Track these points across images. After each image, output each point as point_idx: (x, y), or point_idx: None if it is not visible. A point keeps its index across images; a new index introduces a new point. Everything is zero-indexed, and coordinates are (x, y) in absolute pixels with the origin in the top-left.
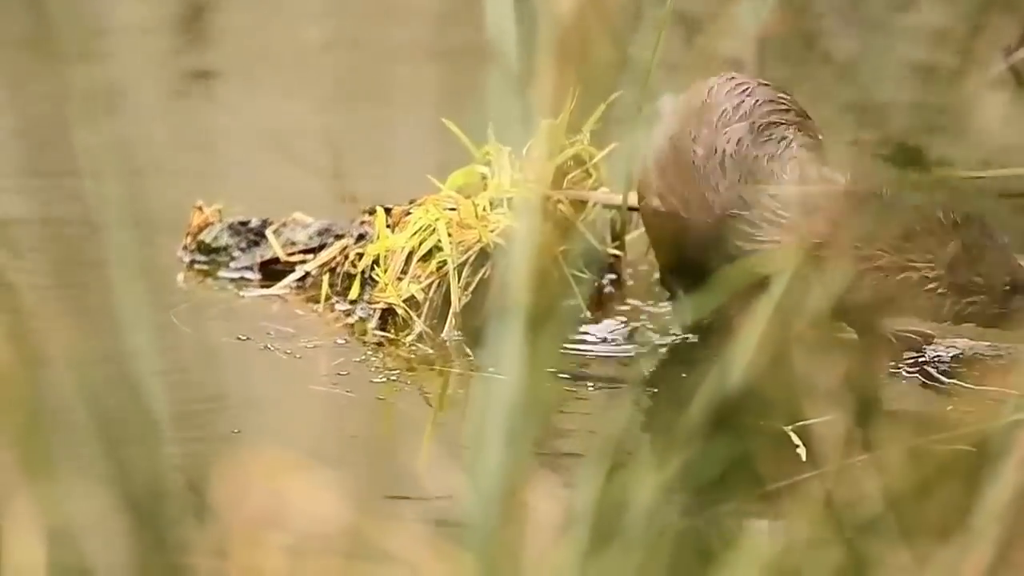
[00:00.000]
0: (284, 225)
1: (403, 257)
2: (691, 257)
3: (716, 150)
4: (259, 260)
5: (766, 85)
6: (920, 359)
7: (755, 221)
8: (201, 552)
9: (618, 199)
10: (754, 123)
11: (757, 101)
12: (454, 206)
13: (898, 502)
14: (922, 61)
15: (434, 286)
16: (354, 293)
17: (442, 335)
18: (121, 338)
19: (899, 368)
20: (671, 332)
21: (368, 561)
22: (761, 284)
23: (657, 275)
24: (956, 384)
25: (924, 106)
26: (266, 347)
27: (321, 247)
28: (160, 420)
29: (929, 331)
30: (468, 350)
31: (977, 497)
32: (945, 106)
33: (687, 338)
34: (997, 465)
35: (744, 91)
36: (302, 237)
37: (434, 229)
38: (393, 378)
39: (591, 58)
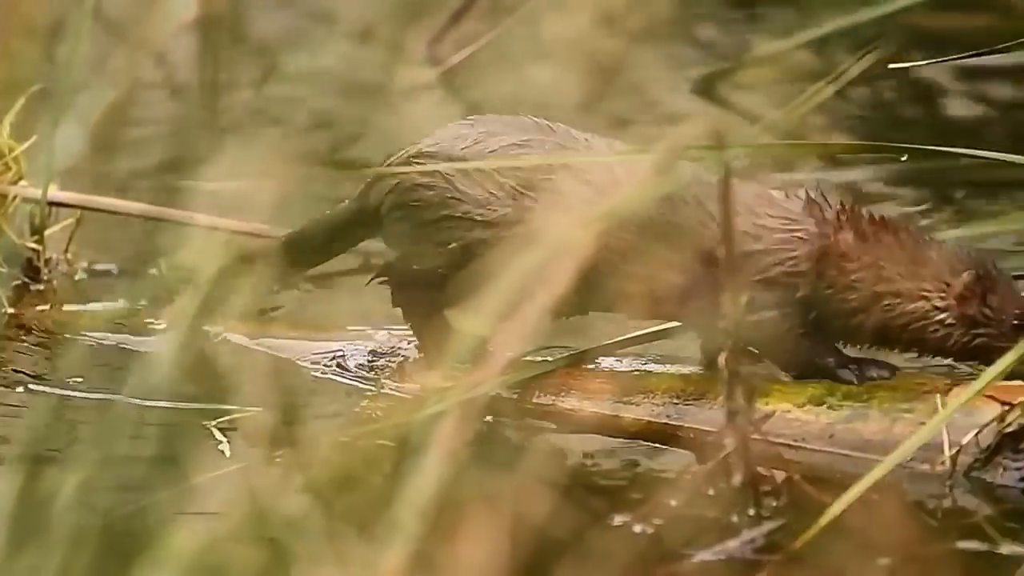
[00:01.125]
0: None
1: None
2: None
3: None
4: None
5: None
6: (337, 355)
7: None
8: None
9: (38, 192)
10: None
11: None
12: None
13: (321, 498)
14: (350, 55)
15: None
16: None
17: None
18: None
19: (318, 364)
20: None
21: None
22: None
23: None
24: (375, 380)
25: (353, 103)
26: None
27: None
28: None
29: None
30: None
31: (398, 492)
32: (374, 104)
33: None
34: (417, 459)
35: None
36: None
37: None
38: None
39: (11, 53)
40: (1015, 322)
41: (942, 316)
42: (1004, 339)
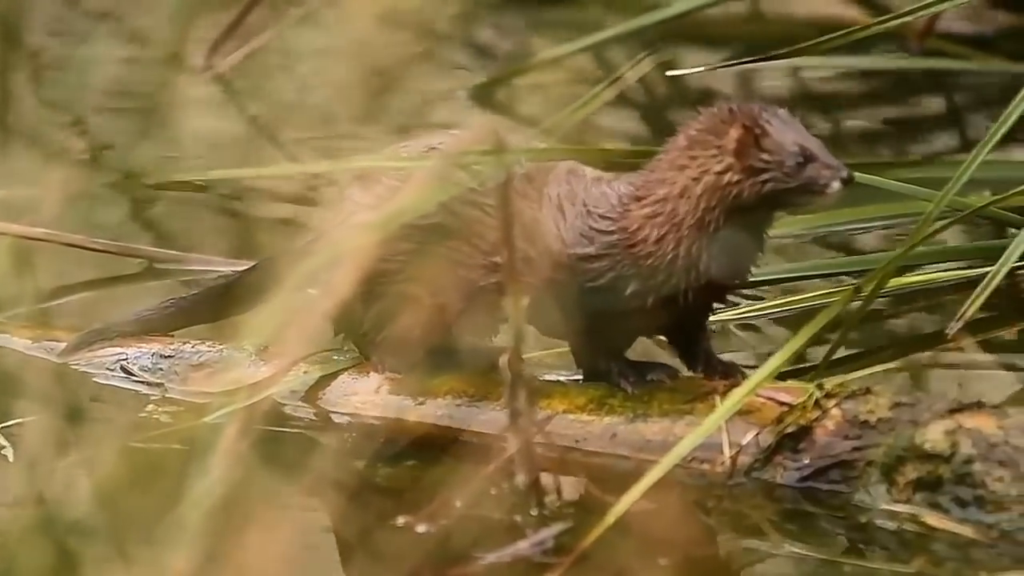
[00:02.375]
0: None
1: None
2: None
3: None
4: None
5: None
6: (121, 358)
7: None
8: None
9: None
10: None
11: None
12: None
13: (108, 501)
14: (128, 61)
15: None
16: None
17: None
18: None
19: (104, 368)
20: None
21: None
22: None
23: None
24: (159, 383)
25: (132, 110)
26: None
27: None
28: None
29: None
30: None
31: (184, 495)
32: (154, 108)
33: None
34: (202, 462)
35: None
36: None
37: None
38: None
39: None
40: (799, 160)
41: (728, 176)
42: (791, 178)
